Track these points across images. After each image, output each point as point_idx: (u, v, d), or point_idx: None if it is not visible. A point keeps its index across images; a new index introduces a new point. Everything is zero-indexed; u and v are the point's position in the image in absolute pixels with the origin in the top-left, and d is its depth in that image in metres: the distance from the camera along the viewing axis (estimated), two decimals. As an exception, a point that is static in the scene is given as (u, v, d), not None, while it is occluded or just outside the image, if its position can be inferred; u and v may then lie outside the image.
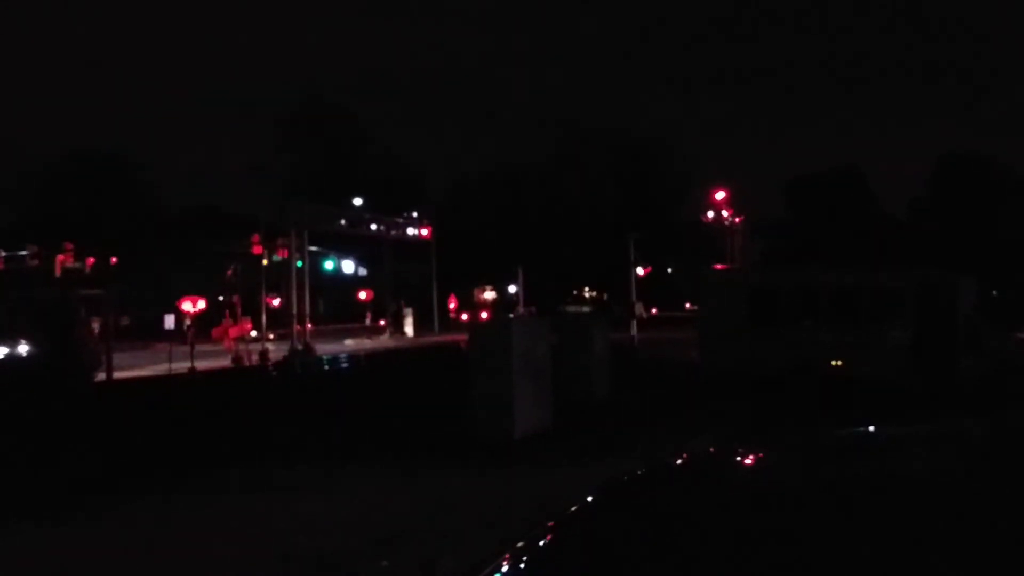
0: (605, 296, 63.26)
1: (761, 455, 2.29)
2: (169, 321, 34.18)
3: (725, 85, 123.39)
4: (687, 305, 46.24)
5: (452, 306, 52.80)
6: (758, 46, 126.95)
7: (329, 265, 41.42)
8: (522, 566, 1.56)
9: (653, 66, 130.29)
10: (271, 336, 33.77)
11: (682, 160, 78.19)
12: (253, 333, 34.43)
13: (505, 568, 1.53)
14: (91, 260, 32.03)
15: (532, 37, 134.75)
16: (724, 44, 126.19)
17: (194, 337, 29.13)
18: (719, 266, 31.24)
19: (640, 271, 39.68)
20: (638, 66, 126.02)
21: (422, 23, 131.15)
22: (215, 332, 35.95)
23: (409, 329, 44.86)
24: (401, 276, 48.00)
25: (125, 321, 43.58)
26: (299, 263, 33.49)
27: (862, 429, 2.45)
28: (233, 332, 34.54)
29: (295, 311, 32.60)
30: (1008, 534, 1.39)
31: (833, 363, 17.28)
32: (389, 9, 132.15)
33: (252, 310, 36.65)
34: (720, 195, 42.40)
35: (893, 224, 63.35)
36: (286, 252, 33.65)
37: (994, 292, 39.20)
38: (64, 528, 8.16)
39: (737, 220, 42.93)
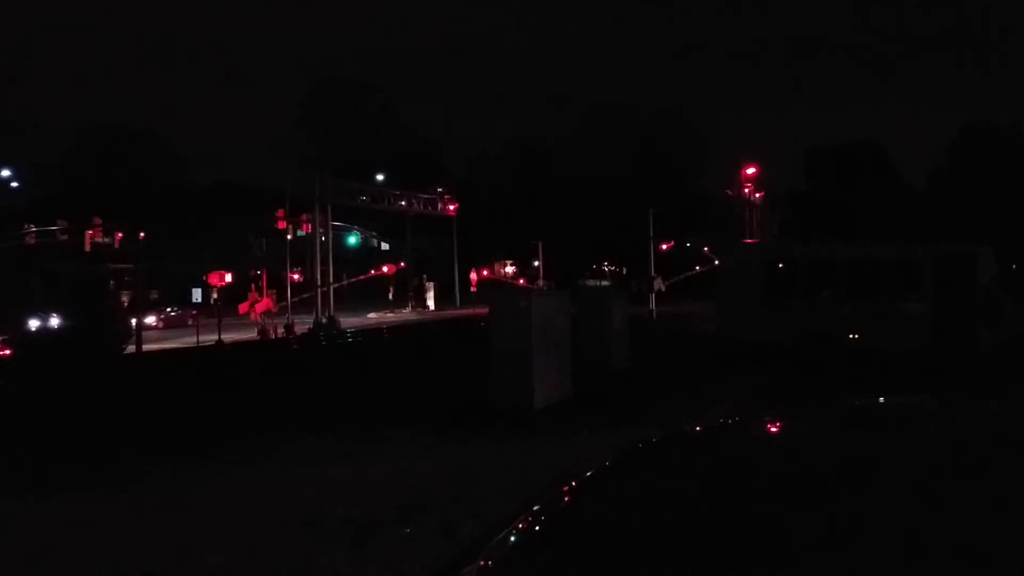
0: (624, 270, 63.16)
1: (777, 424, 2.32)
2: (197, 295, 34.69)
3: (745, 58, 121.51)
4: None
5: (473, 280, 53.02)
6: (779, 19, 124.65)
7: (352, 239, 41.65)
8: (537, 528, 1.58)
9: (673, 39, 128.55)
10: (285, 303, 34.02)
11: (702, 133, 77.61)
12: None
13: (521, 530, 1.55)
14: (120, 235, 32.46)
15: (550, 10, 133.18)
16: (744, 17, 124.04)
17: (221, 310, 29.57)
18: (741, 240, 31.12)
19: (664, 246, 39.54)
20: (659, 38, 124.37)
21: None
22: (241, 307, 36.44)
23: (431, 302, 45.18)
24: (423, 250, 48.26)
25: (154, 295, 44.18)
26: (323, 237, 33.77)
27: (877, 399, 2.48)
28: (259, 306, 35.01)
29: (319, 285, 32.92)
30: (1019, 505, 1.39)
31: (851, 335, 17.30)
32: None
33: (277, 284, 37.06)
34: (751, 171, 41.83)
35: (912, 195, 62.53)
36: (310, 227, 33.93)
37: (1014, 264, 38.70)
38: (87, 499, 8.20)
39: (757, 195, 42.60)
